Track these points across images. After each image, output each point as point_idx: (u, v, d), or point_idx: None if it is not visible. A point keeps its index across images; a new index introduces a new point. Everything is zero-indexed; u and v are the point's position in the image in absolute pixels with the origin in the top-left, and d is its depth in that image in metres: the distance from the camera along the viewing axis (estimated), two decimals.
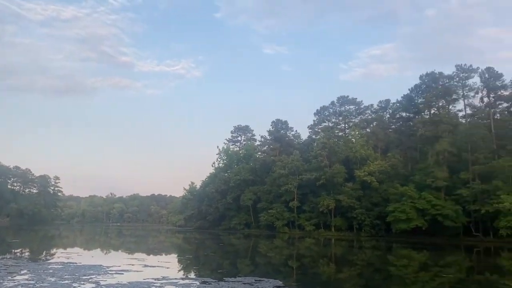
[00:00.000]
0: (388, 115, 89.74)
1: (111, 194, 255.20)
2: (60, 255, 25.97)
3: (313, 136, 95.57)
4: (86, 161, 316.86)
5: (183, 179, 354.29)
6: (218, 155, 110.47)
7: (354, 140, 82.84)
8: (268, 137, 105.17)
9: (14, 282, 13.82)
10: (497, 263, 30.56)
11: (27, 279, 14.62)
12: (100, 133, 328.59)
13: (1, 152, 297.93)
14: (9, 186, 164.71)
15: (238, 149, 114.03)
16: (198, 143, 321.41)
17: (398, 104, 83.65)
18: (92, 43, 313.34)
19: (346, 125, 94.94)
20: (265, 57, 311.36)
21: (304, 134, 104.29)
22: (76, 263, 20.96)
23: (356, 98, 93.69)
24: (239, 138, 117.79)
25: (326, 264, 26.68)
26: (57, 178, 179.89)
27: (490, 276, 21.74)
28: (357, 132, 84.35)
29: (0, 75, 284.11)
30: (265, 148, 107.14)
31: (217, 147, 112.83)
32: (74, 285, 13.64)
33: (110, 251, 34.33)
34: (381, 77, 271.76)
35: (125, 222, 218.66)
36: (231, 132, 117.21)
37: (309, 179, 78.63)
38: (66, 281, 14.35)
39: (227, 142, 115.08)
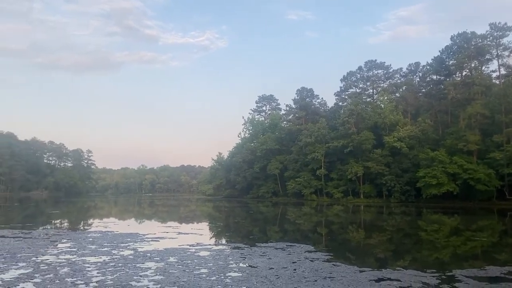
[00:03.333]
0: (418, 79, 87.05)
1: (142, 166, 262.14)
2: (98, 225, 27.11)
3: (340, 103, 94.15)
4: (117, 134, 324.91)
5: (210, 149, 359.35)
6: (244, 125, 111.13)
7: (382, 105, 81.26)
8: (293, 106, 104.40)
9: (58, 250, 14.62)
10: None
11: (69, 247, 15.42)
12: (129, 106, 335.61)
13: (36, 129, 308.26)
14: (45, 161, 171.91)
15: (263, 118, 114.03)
16: (225, 113, 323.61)
17: (428, 67, 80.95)
18: (116, 17, 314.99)
19: (374, 91, 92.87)
20: (289, 23, 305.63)
21: (331, 102, 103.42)
22: (113, 231, 21.89)
23: (384, 62, 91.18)
24: (264, 108, 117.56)
25: (355, 230, 26.86)
26: (89, 151, 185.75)
27: None
28: (385, 97, 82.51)
29: (29, 53, 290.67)
30: (290, 117, 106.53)
31: (243, 117, 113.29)
32: (114, 252, 14.32)
33: (144, 220, 35.55)
34: (410, 39, 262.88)
35: (156, 193, 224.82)
36: (256, 102, 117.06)
37: (336, 146, 78.16)
38: (106, 248, 15.08)
39: (252, 112, 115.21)
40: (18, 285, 8.92)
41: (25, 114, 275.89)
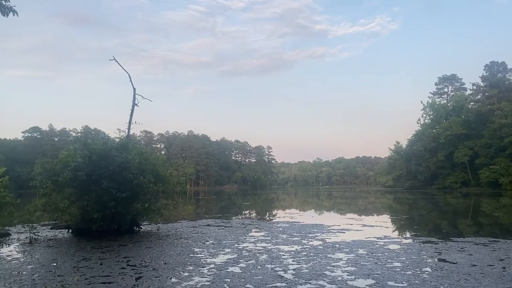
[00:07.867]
0: None
1: (318, 159, 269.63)
2: (284, 215, 28.97)
3: None
4: (293, 129, 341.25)
5: (386, 139, 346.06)
6: (423, 111, 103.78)
7: None
8: (481, 84, 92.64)
9: (255, 238, 16.16)
10: None
11: (263, 236, 16.89)
12: (303, 101, 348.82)
13: (224, 129, 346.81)
14: (233, 158, 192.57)
15: (445, 101, 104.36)
16: (399, 100, 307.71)
17: None
18: (288, 18, 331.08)
19: None
20: None
21: None
22: (299, 222, 23.08)
23: None
24: (446, 90, 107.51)
25: None
26: (269, 147, 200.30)
27: None
28: None
29: (215, 63, 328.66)
30: (478, 97, 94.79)
31: (421, 102, 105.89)
32: (303, 241, 15.10)
33: (324, 211, 36.42)
34: None
35: (333, 185, 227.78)
36: (436, 84, 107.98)
37: None
38: (296, 238, 16.02)
39: (432, 96, 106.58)
40: (228, 269, 10.18)
41: (215, 117, 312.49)
